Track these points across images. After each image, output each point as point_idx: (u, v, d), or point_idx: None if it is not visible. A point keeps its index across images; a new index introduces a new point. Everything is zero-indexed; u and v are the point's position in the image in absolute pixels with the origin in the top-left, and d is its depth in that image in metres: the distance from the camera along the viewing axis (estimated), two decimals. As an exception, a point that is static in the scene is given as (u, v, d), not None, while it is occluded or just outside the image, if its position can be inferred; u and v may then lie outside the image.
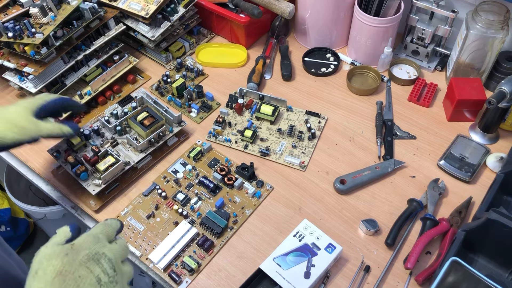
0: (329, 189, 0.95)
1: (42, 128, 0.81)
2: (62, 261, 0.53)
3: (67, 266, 0.53)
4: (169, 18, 1.13)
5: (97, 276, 0.54)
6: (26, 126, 0.79)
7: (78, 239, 0.58)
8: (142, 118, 0.98)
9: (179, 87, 1.09)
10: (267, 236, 0.88)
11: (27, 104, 0.82)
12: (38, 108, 0.83)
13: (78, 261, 0.54)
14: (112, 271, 0.56)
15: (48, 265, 0.52)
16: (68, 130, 0.85)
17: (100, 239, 0.59)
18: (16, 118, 0.79)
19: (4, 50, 1.01)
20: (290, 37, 1.29)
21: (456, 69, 1.08)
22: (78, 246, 0.56)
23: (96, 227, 0.61)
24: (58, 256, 0.54)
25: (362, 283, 0.82)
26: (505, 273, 0.81)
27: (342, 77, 1.17)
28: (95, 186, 0.90)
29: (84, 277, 0.53)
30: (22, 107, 0.81)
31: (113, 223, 0.63)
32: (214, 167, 0.98)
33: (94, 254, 0.56)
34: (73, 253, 0.55)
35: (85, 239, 0.58)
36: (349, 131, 1.05)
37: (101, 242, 0.58)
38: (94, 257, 0.56)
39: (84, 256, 0.55)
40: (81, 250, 0.56)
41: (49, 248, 0.55)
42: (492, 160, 0.97)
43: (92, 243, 0.57)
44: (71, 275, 0.52)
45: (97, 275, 0.54)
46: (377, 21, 1.09)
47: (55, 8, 0.97)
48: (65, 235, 0.58)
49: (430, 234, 0.83)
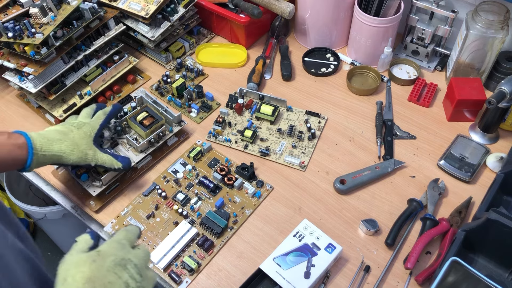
0: (329, 189, 0.95)
1: (99, 158, 0.86)
2: (90, 268, 0.53)
3: (95, 272, 0.53)
4: (169, 18, 1.13)
5: (125, 281, 0.55)
6: (88, 152, 0.85)
7: (103, 246, 0.59)
8: (142, 118, 0.98)
9: (179, 87, 1.09)
10: (267, 236, 0.88)
11: (90, 131, 0.87)
12: (96, 135, 0.88)
13: (106, 267, 0.55)
14: (138, 276, 0.56)
15: (76, 272, 0.53)
16: (119, 166, 0.88)
17: (124, 245, 0.60)
18: (80, 142, 0.84)
19: (4, 50, 1.01)
20: (290, 37, 1.29)
21: (456, 69, 1.08)
22: (104, 253, 0.57)
23: (119, 234, 0.62)
24: (85, 263, 0.54)
25: (362, 283, 0.82)
26: (505, 273, 0.81)
27: (342, 77, 1.17)
28: (96, 187, 0.91)
29: (113, 282, 0.53)
30: (85, 133, 0.86)
31: (134, 229, 0.64)
32: (214, 167, 0.98)
33: (120, 260, 0.57)
34: (100, 260, 0.55)
35: (110, 246, 0.58)
36: (349, 131, 1.05)
37: (125, 248, 0.59)
38: (121, 263, 0.56)
39: (111, 262, 0.56)
40: (107, 256, 0.56)
41: (74, 256, 0.56)
42: (492, 160, 0.97)
43: (117, 249, 0.58)
44: (100, 281, 0.53)
45: (125, 280, 0.55)
46: (377, 21, 1.09)
47: (55, 8, 0.97)
48: (87, 242, 0.59)
49: (430, 234, 0.83)
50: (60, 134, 0.83)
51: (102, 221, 0.90)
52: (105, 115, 0.91)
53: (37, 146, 0.79)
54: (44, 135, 0.81)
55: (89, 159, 0.85)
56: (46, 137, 0.81)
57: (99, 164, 0.86)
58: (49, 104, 1.04)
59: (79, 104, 1.05)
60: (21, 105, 1.12)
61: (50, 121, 1.07)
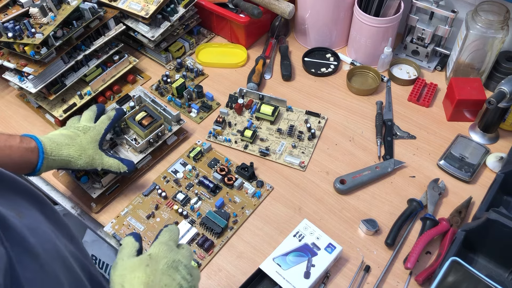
0: (329, 189, 0.95)
1: (105, 163, 0.86)
2: (146, 272, 0.54)
3: (151, 277, 0.54)
4: (169, 18, 1.13)
5: (179, 283, 0.55)
6: (95, 157, 0.85)
7: (152, 249, 0.59)
8: (141, 118, 0.98)
9: (179, 87, 1.09)
10: (267, 236, 0.88)
11: (95, 135, 0.87)
12: (101, 140, 0.88)
13: (160, 271, 0.55)
14: (189, 276, 0.57)
15: (132, 277, 0.53)
16: (125, 169, 0.88)
17: (171, 247, 0.60)
18: (87, 147, 0.84)
19: (4, 50, 1.01)
20: (290, 37, 1.29)
21: (456, 69, 1.08)
22: (155, 256, 0.57)
23: (164, 235, 0.63)
24: (139, 267, 0.55)
25: (362, 283, 0.82)
26: (505, 273, 0.81)
27: (342, 77, 1.17)
28: (96, 189, 0.91)
29: (168, 285, 0.54)
30: (91, 137, 0.86)
31: (175, 229, 0.65)
32: (214, 167, 0.98)
33: (172, 262, 0.57)
34: (153, 263, 0.56)
35: (159, 248, 0.59)
36: (349, 131, 1.05)
37: (174, 250, 0.60)
38: (173, 265, 0.57)
39: (164, 265, 0.56)
40: (159, 259, 0.57)
41: (126, 261, 0.56)
42: (492, 160, 0.97)
43: (167, 251, 0.59)
44: (157, 285, 0.53)
45: (179, 282, 0.56)
46: (377, 21, 1.09)
47: (55, 8, 0.97)
48: (134, 245, 0.59)
49: (430, 234, 0.83)
50: (68, 139, 0.83)
51: (102, 221, 0.90)
52: (109, 119, 0.91)
53: (47, 151, 0.78)
54: (53, 139, 0.81)
55: (95, 163, 0.85)
56: (55, 141, 0.81)
57: (105, 169, 0.86)
58: (49, 104, 1.04)
59: (79, 104, 1.05)
60: (21, 105, 1.12)
61: (50, 121, 1.07)
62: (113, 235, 0.88)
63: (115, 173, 0.88)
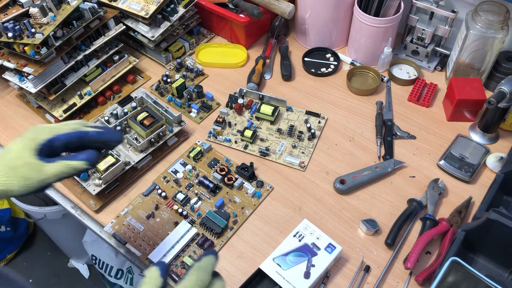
0: (329, 189, 0.95)
1: (46, 173, 0.60)
2: None
3: None
4: (169, 18, 1.13)
5: None
6: (27, 175, 0.59)
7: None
8: (142, 118, 0.98)
9: (179, 87, 1.09)
10: (267, 236, 0.88)
11: (28, 141, 0.61)
12: (40, 145, 0.61)
13: None
14: None
15: None
16: (80, 164, 0.61)
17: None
18: (17, 164, 0.59)
19: (4, 50, 1.01)
20: (290, 37, 1.29)
21: (456, 69, 1.08)
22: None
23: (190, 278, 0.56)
24: None
25: (362, 283, 0.82)
26: (505, 273, 0.81)
27: (342, 77, 1.17)
28: (96, 186, 0.91)
29: None
30: (22, 146, 0.61)
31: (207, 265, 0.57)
32: (214, 167, 0.98)
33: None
34: None
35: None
36: (349, 131, 1.05)
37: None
38: None
39: None
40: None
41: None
42: (492, 160, 0.97)
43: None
44: None
45: None
46: (377, 21, 1.09)
47: (55, 8, 0.97)
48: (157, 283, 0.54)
49: (430, 234, 0.83)
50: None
51: (102, 221, 0.90)
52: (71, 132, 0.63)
53: None
54: None
55: (33, 183, 0.59)
56: None
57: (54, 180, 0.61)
58: (49, 104, 1.05)
59: (79, 104, 1.05)
60: (21, 105, 1.12)
61: (50, 121, 1.07)
62: (113, 235, 0.88)
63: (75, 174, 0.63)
